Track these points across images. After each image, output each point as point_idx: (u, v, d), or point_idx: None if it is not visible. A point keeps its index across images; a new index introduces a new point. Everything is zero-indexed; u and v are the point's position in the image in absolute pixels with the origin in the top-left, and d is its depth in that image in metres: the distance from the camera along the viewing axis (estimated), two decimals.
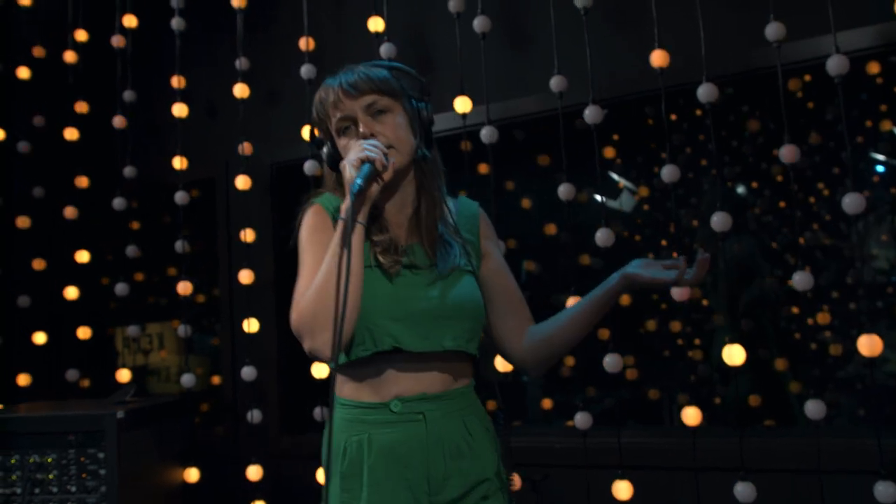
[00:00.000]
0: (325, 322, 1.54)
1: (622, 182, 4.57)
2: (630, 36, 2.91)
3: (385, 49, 3.04)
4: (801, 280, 2.38)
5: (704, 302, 4.31)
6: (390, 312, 1.68)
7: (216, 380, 4.51)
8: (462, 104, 2.97)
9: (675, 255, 1.50)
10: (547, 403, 4.24)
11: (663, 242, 4.43)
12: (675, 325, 4.20)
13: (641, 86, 2.83)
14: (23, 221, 3.87)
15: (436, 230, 1.78)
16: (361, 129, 1.70)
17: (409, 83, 1.77)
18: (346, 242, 1.47)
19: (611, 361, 2.65)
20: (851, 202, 2.29)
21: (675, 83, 2.72)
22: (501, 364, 2.47)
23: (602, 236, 2.72)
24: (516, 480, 2.13)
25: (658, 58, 2.65)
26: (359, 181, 1.55)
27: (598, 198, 4.30)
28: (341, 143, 1.74)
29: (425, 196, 1.79)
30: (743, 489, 2.38)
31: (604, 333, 3.65)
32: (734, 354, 2.46)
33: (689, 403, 2.61)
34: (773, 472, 2.57)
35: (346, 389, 1.74)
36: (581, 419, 2.73)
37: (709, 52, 2.57)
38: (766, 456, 2.60)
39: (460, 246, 1.80)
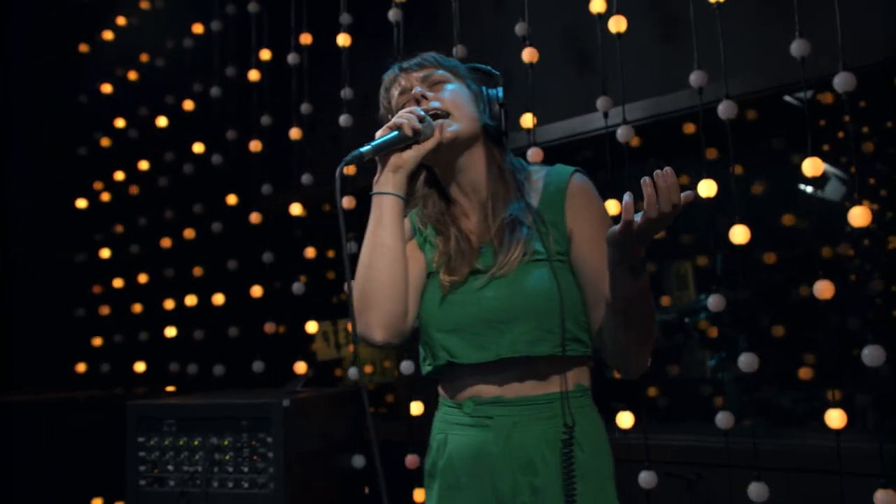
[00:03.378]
0: (367, 302, 1.55)
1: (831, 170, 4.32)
2: (768, 27, 2.82)
3: (528, 53, 3.11)
4: None
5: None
6: (441, 324, 1.60)
7: (396, 373, 4.77)
8: (603, 103, 2.99)
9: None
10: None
11: None
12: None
13: (782, 79, 2.73)
14: (217, 227, 4.28)
15: (503, 218, 1.59)
16: (414, 91, 1.63)
17: (474, 75, 1.72)
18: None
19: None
20: None
21: (815, 75, 2.61)
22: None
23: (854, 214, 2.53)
24: None
25: (799, 47, 2.56)
26: (366, 148, 1.51)
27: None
28: None
29: (494, 178, 1.64)
30: (883, 497, 2.27)
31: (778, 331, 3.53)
32: None
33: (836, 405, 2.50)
34: None
35: (440, 386, 1.71)
36: (723, 419, 2.69)
37: (846, 41, 2.45)
38: None
39: (533, 232, 1.58)
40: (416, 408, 3.44)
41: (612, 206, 2.91)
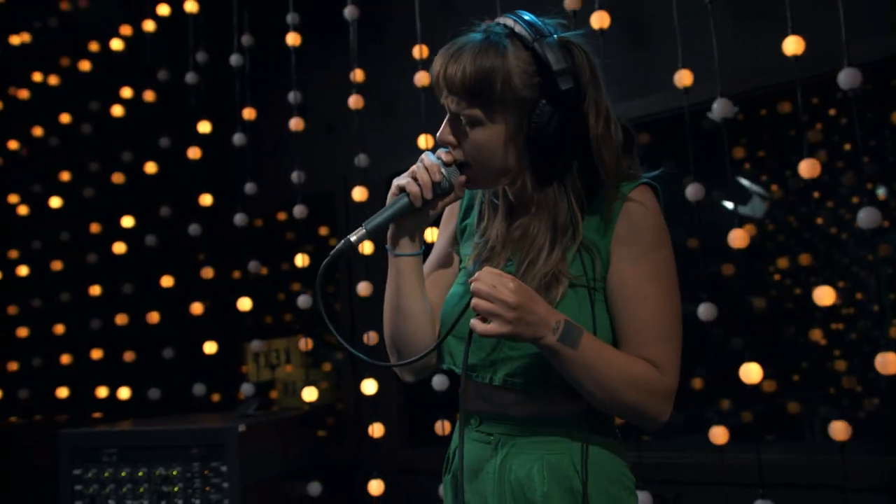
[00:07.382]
0: (396, 347, 1.53)
1: (751, 187, 4.31)
2: (758, 25, 2.74)
3: None
4: None
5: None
6: (456, 329, 1.43)
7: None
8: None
9: None
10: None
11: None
12: (816, 334, 3.92)
13: (774, 78, 2.64)
14: (151, 240, 3.99)
15: (536, 260, 1.40)
16: (438, 134, 1.46)
17: (527, 74, 1.37)
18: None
19: (746, 372, 2.49)
20: None
21: (812, 73, 2.53)
22: None
23: (735, 237, 2.56)
24: None
25: (792, 45, 2.46)
26: (355, 236, 1.43)
27: (728, 204, 4.10)
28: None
29: (539, 215, 1.43)
30: None
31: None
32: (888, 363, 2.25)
33: (835, 417, 2.39)
34: None
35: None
36: (717, 433, 2.56)
37: (848, 38, 2.37)
38: None
39: (575, 256, 1.39)
40: (378, 430, 3.23)
41: None
